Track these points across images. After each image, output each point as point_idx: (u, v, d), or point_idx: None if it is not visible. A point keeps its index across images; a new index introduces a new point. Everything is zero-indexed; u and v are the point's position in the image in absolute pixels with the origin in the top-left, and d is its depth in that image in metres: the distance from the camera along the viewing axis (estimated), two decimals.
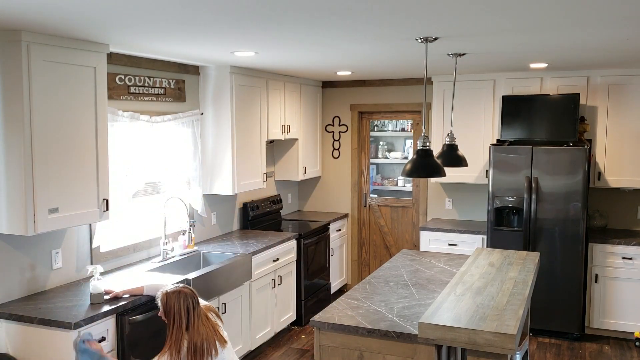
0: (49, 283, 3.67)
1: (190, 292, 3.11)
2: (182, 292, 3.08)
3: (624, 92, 5.33)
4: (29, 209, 3.12)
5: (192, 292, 3.11)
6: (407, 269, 4.11)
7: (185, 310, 3.03)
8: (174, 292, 3.08)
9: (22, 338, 3.19)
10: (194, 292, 3.12)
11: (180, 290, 3.09)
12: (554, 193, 5.18)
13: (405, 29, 3.10)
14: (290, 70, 5.35)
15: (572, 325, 5.24)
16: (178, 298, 3.05)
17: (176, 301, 3.04)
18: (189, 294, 3.09)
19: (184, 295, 3.07)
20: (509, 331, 2.62)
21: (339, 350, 3.03)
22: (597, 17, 2.80)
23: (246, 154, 5.18)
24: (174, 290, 3.09)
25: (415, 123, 6.63)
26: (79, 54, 3.37)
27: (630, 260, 5.17)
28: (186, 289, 3.11)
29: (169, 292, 3.08)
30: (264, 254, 4.92)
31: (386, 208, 6.81)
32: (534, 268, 3.76)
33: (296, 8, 2.53)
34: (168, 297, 3.07)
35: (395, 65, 4.92)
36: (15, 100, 3.07)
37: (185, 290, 3.10)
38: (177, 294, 3.07)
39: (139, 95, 4.31)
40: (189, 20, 2.83)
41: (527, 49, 3.92)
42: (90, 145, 3.49)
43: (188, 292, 3.09)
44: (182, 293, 3.07)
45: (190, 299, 3.07)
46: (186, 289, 3.10)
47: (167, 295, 3.07)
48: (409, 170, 3.34)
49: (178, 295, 3.06)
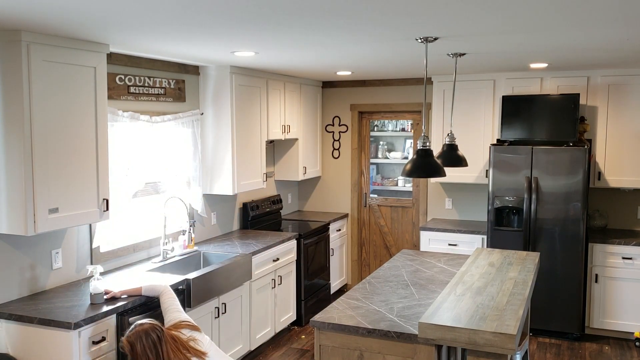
0: (49, 283, 3.67)
1: (150, 325, 2.98)
2: (142, 330, 2.95)
3: (624, 92, 5.33)
4: (29, 209, 3.12)
5: (152, 324, 2.99)
6: (407, 269, 4.11)
7: (152, 349, 2.92)
8: (136, 336, 2.95)
9: (22, 338, 3.19)
10: (154, 324, 3.00)
11: (140, 329, 2.96)
12: (554, 193, 5.18)
13: (405, 29, 3.10)
14: (290, 70, 5.36)
15: (572, 325, 5.24)
16: (141, 340, 2.93)
17: (140, 344, 2.92)
18: (150, 328, 2.96)
19: (145, 333, 2.94)
20: (509, 331, 2.62)
21: (339, 350, 3.03)
22: (598, 17, 2.80)
23: (246, 154, 5.18)
24: (134, 334, 2.96)
25: (415, 123, 6.63)
26: (79, 54, 3.37)
27: (630, 260, 5.17)
28: (146, 324, 2.98)
29: (130, 340, 2.95)
30: (264, 254, 4.92)
31: (386, 208, 6.81)
32: (534, 268, 3.76)
33: (296, 8, 2.53)
34: (132, 345, 2.94)
35: (395, 65, 4.92)
36: (15, 100, 3.07)
37: (145, 326, 2.97)
38: (139, 337, 2.94)
39: (139, 95, 4.31)
40: (189, 21, 2.83)
41: (527, 49, 3.92)
42: (90, 145, 3.49)
43: (148, 327, 2.97)
44: (144, 332, 2.95)
45: (153, 333, 2.95)
46: (146, 325, 2.98)
47: (130, 343, 2.95)
48: (409, 170, 3.34)
49: (140, 338, 2.93)
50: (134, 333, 2.96)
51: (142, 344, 2.92)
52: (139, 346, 2.92)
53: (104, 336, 3.24)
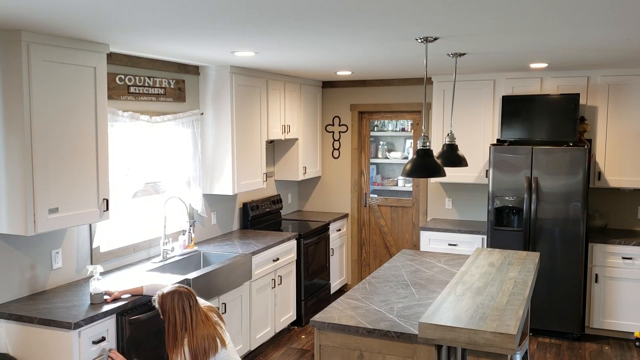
0: (49, 283, 3.67)
1: (187, 291, 3.10)
2: (177, 291, 3.07)
3: (624, 92, 5.33)
4: (29, 209, 3.12)
5: (189, 291, 3.10)
6: (407, 269, 4.11)
7: (180, 310, 3.02)
8: (169, 292, 3.08)
9: (22, 338, 3.19)
10: (191, 292, 3.12)
11: (175, 290, 3.08)
12: (554, 193, 5.18)
13: (405, 29, 3.10)
14: (290, 70, 5.36)
15: (572, 325, 5.24)
16: (173, 298, 3.05)
17: (171, 301, 3.04)
18: (185, 292, 3.08)
19: (178, 294, 3.06)
20: (509, 331, 2.62)
21: (339, 350, 3.03)
22: (597, 17, 2.80)
23: (246, 154, 5.18)
24: (169, 291, 3.08)
25: (415, 123, 6.63)
26: (79, 54, 3.37)
27: (630, 260, 5.17)
28: (182, 288, 3.10)
29: (164, 294, 3.08)
30: (264, 254, 4.92)
31: (386, 208, 6.81)
32: (534, 268, 3.76)
33: (296, 9, 2.53)
34: (163, 298, 3.07)
35: (395, 65, 4.92)
36: (15, 100, 3.07)
37: (181, 289, 3.09)
38: (171, 294, 3.06)
39: (139, 95, 4.31)
40: (189, 21, 2.83)
41: (527, 49, 3.92)
42: (91, 145, 3.49)
43: (184, 291, 3.08)
44: (177, 292, 3.07)
45: (187, 298, 3.06)
46: (182, 289, 3.10)
47: (162, 297, 3.08)
48: (409, 170, 3.34)
49: (173, 295, 3.06)
50: (170, 291, 3.08)
51: (174, 303, 3.04)
52: (170, 304, 3.04)
53: (104, 336, 3.23)
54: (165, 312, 3.05)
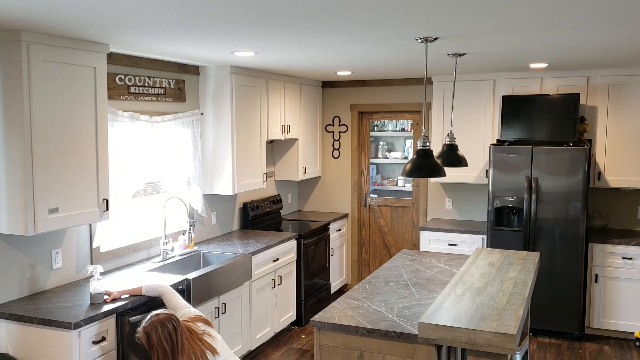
0: (49, 283, 3.67)
1: (166, 315, 3.00)
2: (158, 320, 2.97)
3: (624, 92, 5.33)
4: (29, 209, 3.12)
5: (168, 314, 3.01)
6: (407, 269, 4.11)
7: (167, 339, 2.94)
8: (150, 324, 2.97)
9: (22, 338, 3.19)
10: (169, 315, 3.02)
11: (155, 320, 2.98)
12: (554, 193, 5.18)
13: (405, 29, 3.10)
14: (290, 70, 5.36)
15: (572, 325, 5.24)
16: (156, 329, 2.95)
17: (156, 334, 2.94)
18: (165, 318, 2.98)
19: (160, 323, 2.96)
20: (509, 331, 2.62)
21: (339, 350, 3.03)
22: (597, 18, 2.80)
23: (246, 154, 5.18)
24: (149, 323, 2.98)
25: (415, 123, 6.63)
26: (79, 54, 3.37)
27: (630, 260, 5.17)
28: (160, 315, 3.00)
29: (146, 328, 2.98)
30: (264, 254, 4.92)
31: (386, 208, 6.81)
32: (534, 268, 3.76)
33: (296, 9, 2.53)
34: (148, 334, 2.97)
35: (395, 65, 4.92)
36: (15, 100, 3.07)
37: (161, 316, 2.99)
38: (154, 326, 2.96)
39: (139, 95, 4.31)
40: (189, 21, 2.83)
41: (527, 49, 3.92)
42: (90, 145, 3.49)
43: (164, 317, 2.98)
44: (159, 322, 2.97)
45: (169, 323, 2.97)
46: (160, 315, 3.00)
47: (146, 332, 2.97)
48: (409, 170, 3.34)
49: (156, 327, 2.96)
50: (150, 323, 2.98)
51: (158, 333, 2.95)
52: (154, 336, 2.95)
53: (104, 336, 3.23)
54: (153, 346, 2.95)
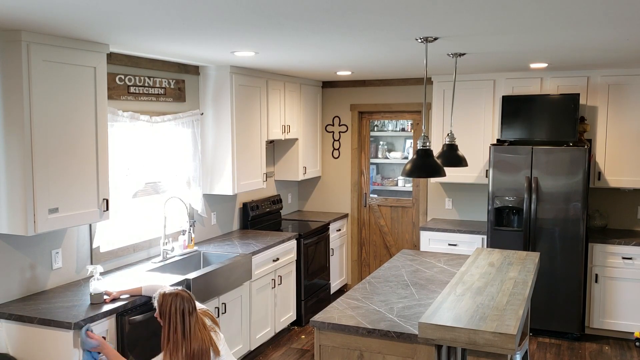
0: (49, 283, 3.67)
1: (188, 296, 3.04)
2: (179, 294, 3.02)
3: (624, 92, 5.33)
4: (29, 209, 3.12)
5: (190, 297, 3.05)
6: (407, 269, 4.11)
7: (180, 314, 2.96)
8: (171, 294, 3.02)
9: (22, 338, 3.19)
10: (192, 297, 3.06)
11: (177, 293, 3.03)
12: (554, 193, 5.18)
13: (405, 29, 3.10)
14: (290, 70, 5.36)
15: (572, 325, 5.24)
16: (175, 300, 2.99)
17: (172, 304, 2.98)
18: (186, 297, 3.02)
19: (180, 298, 3.00)
20: (509, 331, 2.62)
21: (339, 350, 3.03)
22: (598, 17, 2.80)
23: (246, 154, 5.18)
24: (171, 292, 3.03)
25: (415, 123, 6.63)
26: (79, 54, 3.37)
27: (630, 260, 5.17)
28: (184, 292, 3.05)
29: (165, 294, 3.03)
30: (264, 254, 4.92)
31: (386, 208, 6.81)
32: (534, 268, 3.76)
33: (296, 10, 2.53)
34: (164, 299, 3.01)
35: (395, 65, 4.92)
36: (15, 100, 3.07)
37: (183, 293, 3.03)
38: (174, 297, 3.01)
39: (139, 95, 4.31)
40: (189, 21, 2.83)
41: (527, 49, 3.92)
42: (90, 145, 3.49)
43: (185, 295, 3.03)
44: (179, 296, 3.01)
45: (187, 303, 3.00)
46: (184, 292, 3.04)
47: (164, 297, 3.02)
48: (409, 170, 3.34)
49: (175, 298, 3.00)
50: (172, 293, 3.02)
51: (176, 306, 2.97)
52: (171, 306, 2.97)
53: (104, 336, 3.23)
54: (164, 313, 2.99)
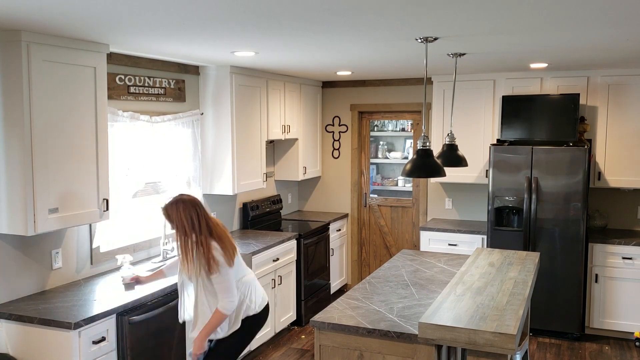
0: (49, 283, 3.67)
1: (190, 199, 3.09)
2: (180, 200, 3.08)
3: (624, 92, 5.33)
4: (29, 209, 3.12)
5: (194, 200, 3.10)
6: (407, 269, 4.11)
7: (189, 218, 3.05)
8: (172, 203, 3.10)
9: (22, 338, 3.19)
10: (196, 201, 3.11)
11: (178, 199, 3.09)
12: (554, 193, 5.18)
13: (405, 29, 3.10)
14: (290, 70, 5.36)
15: (572, 325, 5.24)
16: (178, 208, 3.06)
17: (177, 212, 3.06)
18: (189, 201, 3.08)
19: (182, 204, 3.07)
20: (509, 331, 2.62)
21: (339, 350, 3.03)
22: (597, 17, 2.80)
23: (246, 154, 5.18)
24: (172, 202, 3.10)
25: (415, 123, 6.63)
26: (79, 54, 3.37)
27: (630, 260, 5.17)
28: (185, 196, 3.09)
29: (167, 205, 3.10)
30: (264, 254, 4.92)
31: (386, 208, 6.81)
32: (534, 268, 3.76)
33: (296, 10, 2.53)
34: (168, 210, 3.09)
35: (395, 65, 4.92)
36: (15, 100, 3.07)
37: (184, 197, 3.09)
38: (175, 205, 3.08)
39: (139, 95, 4.31)
40: (189, 20, 2.83)
41: (527, 49, 3.93)
42: (90, 145, 3.49)
43: (187, 199, 3.08)
44: (181, 202, 3.07)
45: (192, 207, 3.07)
46: (185, 197, 3.09)
47: (166, 209, 3.10)
48: (409, 170, 3.34)
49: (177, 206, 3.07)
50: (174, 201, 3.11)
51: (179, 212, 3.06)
52: (174, 213, 3.07)
53: (104, 336, 3.23)
54: (173, 221, 3.07)
